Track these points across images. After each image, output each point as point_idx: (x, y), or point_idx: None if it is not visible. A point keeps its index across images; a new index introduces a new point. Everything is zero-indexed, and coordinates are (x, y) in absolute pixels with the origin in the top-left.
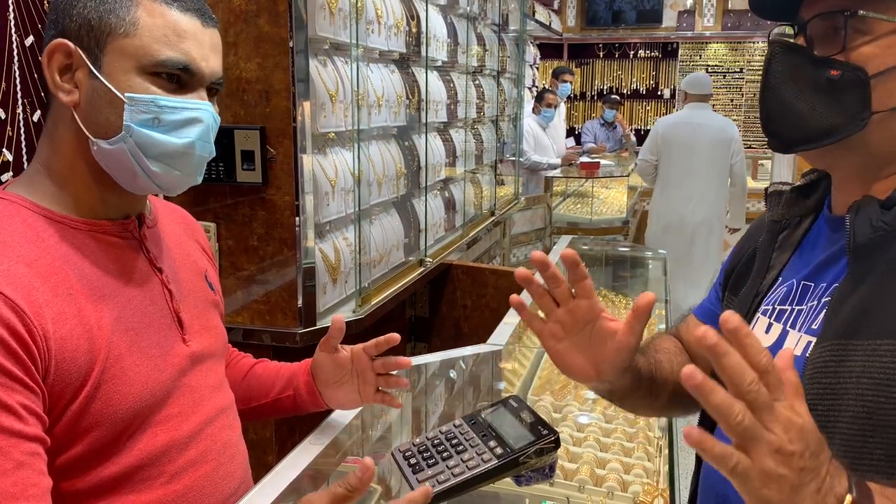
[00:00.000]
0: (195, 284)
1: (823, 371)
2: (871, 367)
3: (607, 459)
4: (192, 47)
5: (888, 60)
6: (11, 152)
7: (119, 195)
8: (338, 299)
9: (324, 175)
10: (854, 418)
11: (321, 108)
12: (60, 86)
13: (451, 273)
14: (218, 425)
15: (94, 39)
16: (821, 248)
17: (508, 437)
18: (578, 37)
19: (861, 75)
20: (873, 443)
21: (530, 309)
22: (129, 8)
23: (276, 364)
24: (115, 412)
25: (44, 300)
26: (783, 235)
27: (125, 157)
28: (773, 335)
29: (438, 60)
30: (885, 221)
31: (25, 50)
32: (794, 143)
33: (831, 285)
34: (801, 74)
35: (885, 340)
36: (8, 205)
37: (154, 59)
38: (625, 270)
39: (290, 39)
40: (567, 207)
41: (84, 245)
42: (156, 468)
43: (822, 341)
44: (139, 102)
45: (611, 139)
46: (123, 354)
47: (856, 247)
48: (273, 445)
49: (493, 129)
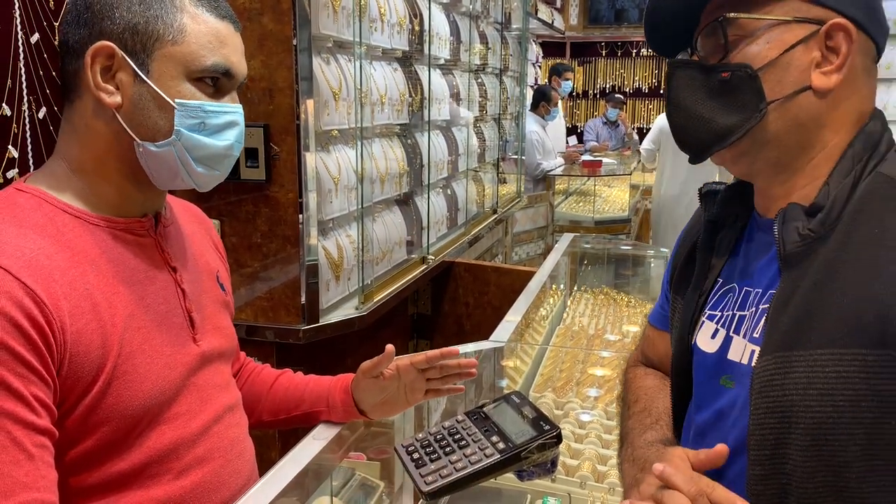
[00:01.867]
0: (207, 285)
1: (770, 385)
2: (814, 378)
3: (609, 456)
4: (231, 52)
5: (770, 53)
6: (17, 149)
7: (143, 193)
8: (340, 296)
9: (327, 172)
10: (806, 430)
11: (324, 105)
12: (103, 87)
13: (454, 271)
14: (225, 423)
15: (141, 44)
16: (755, 251)
17: (510, 432)
18: (581, 35)
19: (748, 71)
20: (828, 451)
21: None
22: (174, 14)
23: (302, 377)
24: (125, 408)
25: (62, 293)
26: (720, 235)
27: (171, 159)
28: (717, 341)
29: (441, 58)
30: (812, 229)
31: (31, 47)
32: (705, 147)
33: (767, 290)
34: (697, 84)
35: (826, 350)
36: (29, 198)
37: (201, 66)
38: (627, 268)
39: (294, 37)
40: (569, 206)
41: (102, 241)
42: (164, 465)
43: (765, 353)
44: (188, 108)
45: (613, 137)
46: (135, 352)
47: (786, 255)
48: (276, 442)
49: (496, 127)
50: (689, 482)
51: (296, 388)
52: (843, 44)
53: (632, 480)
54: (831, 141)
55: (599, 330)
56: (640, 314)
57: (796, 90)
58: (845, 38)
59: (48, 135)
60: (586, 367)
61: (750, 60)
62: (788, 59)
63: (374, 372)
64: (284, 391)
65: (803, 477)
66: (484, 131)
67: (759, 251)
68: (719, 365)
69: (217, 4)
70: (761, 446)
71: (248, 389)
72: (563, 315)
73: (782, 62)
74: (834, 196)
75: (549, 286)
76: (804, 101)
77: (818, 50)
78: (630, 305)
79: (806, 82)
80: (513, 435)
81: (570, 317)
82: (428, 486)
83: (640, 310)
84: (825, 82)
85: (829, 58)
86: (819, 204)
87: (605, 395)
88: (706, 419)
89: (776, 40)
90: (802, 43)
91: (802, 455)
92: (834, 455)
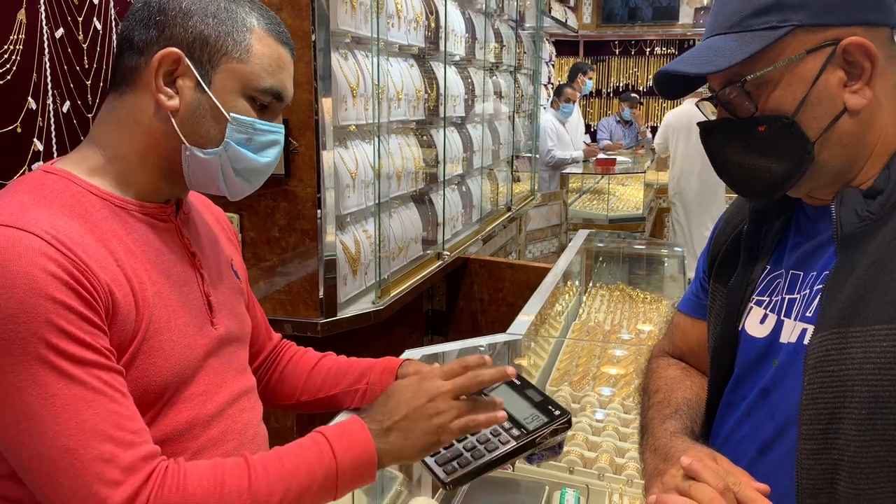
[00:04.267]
0: (223, 271)
1: (826, 360)
2: (871, 353)
3: (626, 448)
4: (286, 77)
5: (798, 94)
6: (42, 142)
7: (172, 185)
8: (358, 290)
9: (345, 167)
10: (862, 403)
11: (342, 101)
12: (164, 90)
13: (469, 267)
14: (239, 407)
15: (208, 56)
16: (804, 238)
17: (520, 417)
18: (594, 34)
19: (785, 120)
20: (883, 424)
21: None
22: (244, 34)
23: (345, 358)
24: (148, 383)
25: (98, 265)
26: (766, 226)
27: (215, 167)
28: (768, 325)
29: (456, 55)
30: (871, 210)
31: (56, 42)
32: (770, 194)
33: (821, 274)
34: (737, 140)
35: (883, 325)
36: (57, 180)
37: (259, 87)
38: (641, 266)
39: (313, 33)
40: (583, 204)
41: (127, 223)
42: (180, 444)
43: (821, 330)
44: (241, 123)
45: (627, 136)
46: (162, 328)
47: (843, 236)
48: (294, 434)
49: (510, 125)
50: (716, 477)
51: (339, 368)
52: (863, 59)
53: (653, 470)
54: (882, 139)
55: (615, 325)
56: (655, 311)
57: (834, 119)
58: (863, 54)
59: (72, 129)
60: (602, 361)
61: (782, 108)
62: (817, 93)
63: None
64: (326, 371)
65: (857, 451)
66: (498, 129)
67: (808, 238)
68: (769, 348)
69: (280, 31)
70: (815, 420)
71: (292, 369)
72: (578, 311)
73: (812, 98)
74: (894, 180)
75: (565, 282)
76: (844, 125)
77: (841, 69)
78: (646, 302)
79: (840, 107)
80: (523, 420)
81: (586, 312)
82: (449, 477)
83: (656, 306)
84: (859, 102)
85: (854, 72)
86: (878, 187)
87: (622, 389)
88: (750, 401)
89: (798, 78)
90: (824, 72)
91: (857, 429)
92: (888, 428)
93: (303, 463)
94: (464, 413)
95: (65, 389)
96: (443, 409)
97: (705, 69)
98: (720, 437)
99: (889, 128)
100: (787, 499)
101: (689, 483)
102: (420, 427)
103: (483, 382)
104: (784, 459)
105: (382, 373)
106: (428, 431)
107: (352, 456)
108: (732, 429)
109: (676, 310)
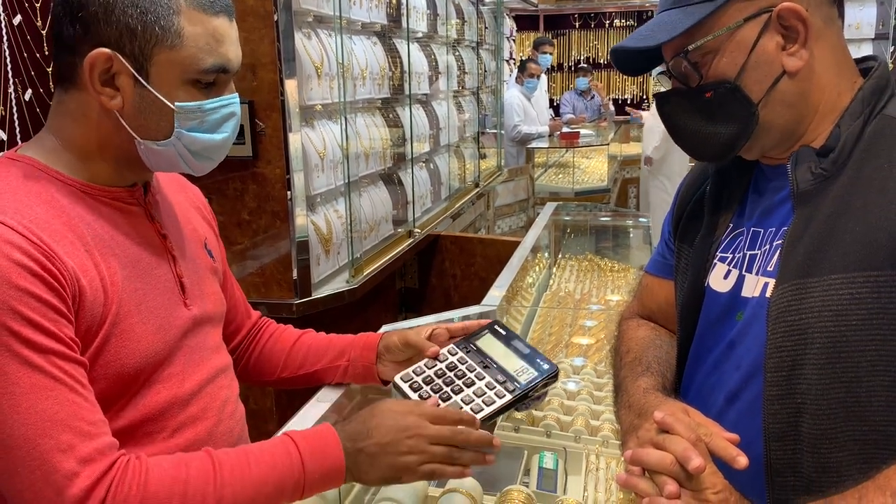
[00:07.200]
0: (195, 252)
1: (787, 310)
2: (829, 301)
3: (600, 411)
4: (227, 48)
5: (738, 60)
6: (5, 131)
7: (134, 170)
8: (331, 270)
9: (312, 148)
10: (822, 349)
11: (307, 80)
12: (103, 91)
13: (440, 244)
14: (217, 384)
15: (139, 48)
16: (763, 197)
17: (510, 369)
18: (554, 8)
19: (728, 84)
20: (841, 367)
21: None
22: (171, 17)
23: (325, 335)
24: (121, 367)
25: (65, 251)
26: (728, 185)
27: (172, 154)
28: (731, 280)
29: (419, 31)
30: (824, 168)
31: (14, 29)
32: (723, 156)
33: (780, 230)
34: (688, 108)
35: (839, 275)
36: (23, 167)
37: (199, 68)
38: (608, 236)
39: (275, 13)
40: (549, 178)
41: (95, 208)
42: (158, 423)
43: (782, 282)
44: (188, 110)
45: (589, 109)
46: (132, 311)
47: (799, 193)
48: (273, 414)
49: (475, 101)
50: (688, 430)
51: (319, 344)
52: (797, 23)
53: (628, 426)
54: (825, 98)
55: (585, 294)
56: (623, 279)
57: (775, 81)
58: (796, 18)
59: (35, 116)
60: (574, 330)
61: (725, 74)
62: (756, 57)
63: (423, 335)
64: (307, 348)
65: (818, 394)
66: (463, 105)
67: (767, 196)
68: (733, 302)
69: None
70: (778, 368)
71: (273, 346)
72: (549, 282)
73: (752, 63)
74: (844, 137)
75: (535, 255)
76: (785, 86)
77: (778, 34)
78: (614, 270)
79: (779, 70)
80: (514, 373)
81: (557, 283)
82: None
83: (624, 274)
84: (796, 63)
85: (791, 35)
86: (830, 146)
87: (594, 354)
88: (717, 353)
89: (738, 45)
90: (762, 37)
91: (818, 373)
92: (846, 371)
93: (272, 475)
94: (436, 460)
95: (25, 378)
96: (416, 450)
97: (648, 43)
98: (691, 389)
99: (831, 86)
100: (755, 444)
101: (662, 436)
102: (387, 460)
103: (468, 441)
104: (751, 407)
105: (363, 349)
106: (394, 467)
107: (322, 471)
108: (702, 381)
109: (644, 271)
